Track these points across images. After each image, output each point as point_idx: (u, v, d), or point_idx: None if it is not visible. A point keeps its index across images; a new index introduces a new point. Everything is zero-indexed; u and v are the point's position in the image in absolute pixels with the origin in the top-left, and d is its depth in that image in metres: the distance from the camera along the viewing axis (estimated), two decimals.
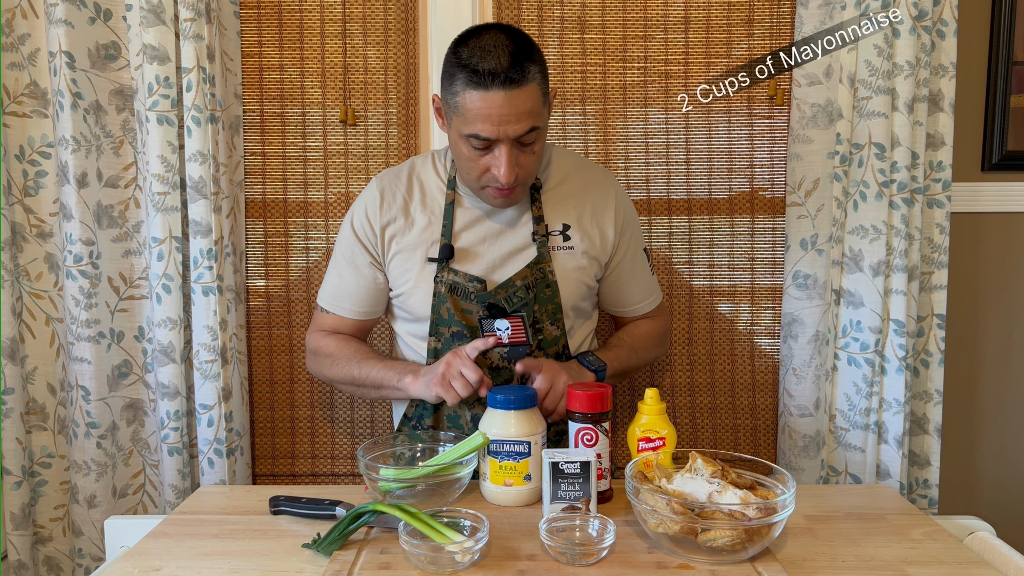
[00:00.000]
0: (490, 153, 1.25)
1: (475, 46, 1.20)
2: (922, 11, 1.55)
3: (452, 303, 1.34)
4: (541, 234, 1.36)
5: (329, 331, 1.47)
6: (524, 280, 1.34)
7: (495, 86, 1.18)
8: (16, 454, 1.65)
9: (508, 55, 1.19)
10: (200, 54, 1.57)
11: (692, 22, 1.73)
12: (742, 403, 1.81)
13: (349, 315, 1.44)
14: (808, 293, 1.69)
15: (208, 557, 1.06)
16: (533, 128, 1.23)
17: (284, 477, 1.84)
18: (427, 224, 1.38)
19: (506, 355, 1.34)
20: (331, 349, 1.43)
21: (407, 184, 1.41)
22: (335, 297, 1.45)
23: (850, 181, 1.62)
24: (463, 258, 1.36)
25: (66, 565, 1.74)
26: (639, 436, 1.20)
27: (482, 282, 1.34)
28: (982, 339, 1.81)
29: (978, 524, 1.25)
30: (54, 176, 1.66)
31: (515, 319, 1.31)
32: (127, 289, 1.70)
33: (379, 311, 1.47)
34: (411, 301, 1.38)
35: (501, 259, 1.37)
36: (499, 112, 1.19)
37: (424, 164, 1.43)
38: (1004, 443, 1.84)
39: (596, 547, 1.02)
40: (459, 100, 1.22)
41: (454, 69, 1.22)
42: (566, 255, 1.38)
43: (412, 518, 1.03)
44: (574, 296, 1.39)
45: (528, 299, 1.34)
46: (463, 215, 1.38)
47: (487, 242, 1.37)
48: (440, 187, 1.40)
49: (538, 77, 1.22)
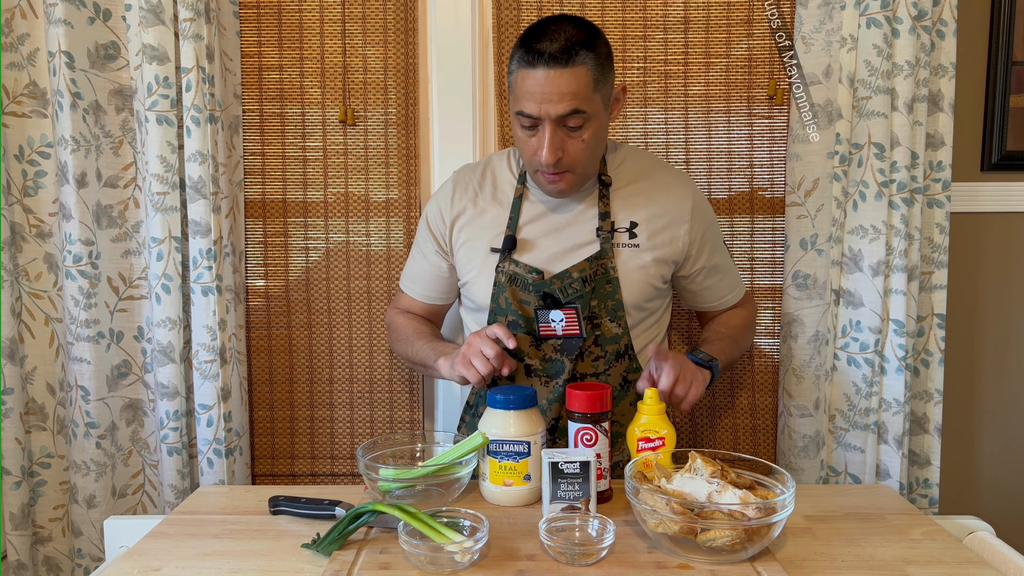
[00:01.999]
0: (537, 134, 1.27)
1: (539, 30, 1.25)
2: (922, 11, 1.55)
3: (510, 293, 1.36)
4: (606, 230, 1.37)
5: (404, 310, 1.56)
6: (581, 272, 1.34)
7: (540, 64, 1.21)
8: (15, 454, 1.65)
9: (563, 38, 1.22)
10: (199, 54, 1.57)
11: (692, 22, 1.73)
12: (742, 403, 1.81)
13: (418, 297, 1.53)
14: (808, 293, 1.69)
15: (207, 557, 1.06)
16: (576, 111, 1.23)
17: (283, 477, 1.84)
18: (495, 216, 1.41)
19: (559, 347, 1.34)
20: (398, 326, 1.53)
21: (480, 177, 1.45)
22: (408, 279, 1.55)
23: (850, 181, 1.62)
24: (525, 249, 1.38)
25: (65, 565, 1.74)
26: (639, 436, 1.20)
27: (540, 272, 1.35)
28: (982, 339, 1.82)
29: (978, 524, 1.25)
30: (53, 176, 1.66)
31: (569, 310, 1.32)
32: (126, 289, 1.70)
33: (447, 298, 1.52)
34: (474, 289, 1.42)
35: (563, 252, 1.37)
36: (541, 90, 1.22)
37: (500, 159, 1.47)
38: (1004, 443, 1.84)
39: (596, 547, 1.02)
40: (513, 79, 1.27)
41: (515, 50, 1.27)
42: (630, 253, 1.37)
43: (412, 518, 1.03)
44: (637, 295, 1.38)
45: (584, 292, 1.34)
46: (529, 208, 1.40)
47: (551, 235, 1.38)
48: (511, 181, 1.43)
49: (589, 63, 1.23)
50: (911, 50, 1.55)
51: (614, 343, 1.38)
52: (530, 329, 1.35)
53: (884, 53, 1.55)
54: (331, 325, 1.80)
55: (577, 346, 1.34)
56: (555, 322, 1.32)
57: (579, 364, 1.36)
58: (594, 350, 1.36)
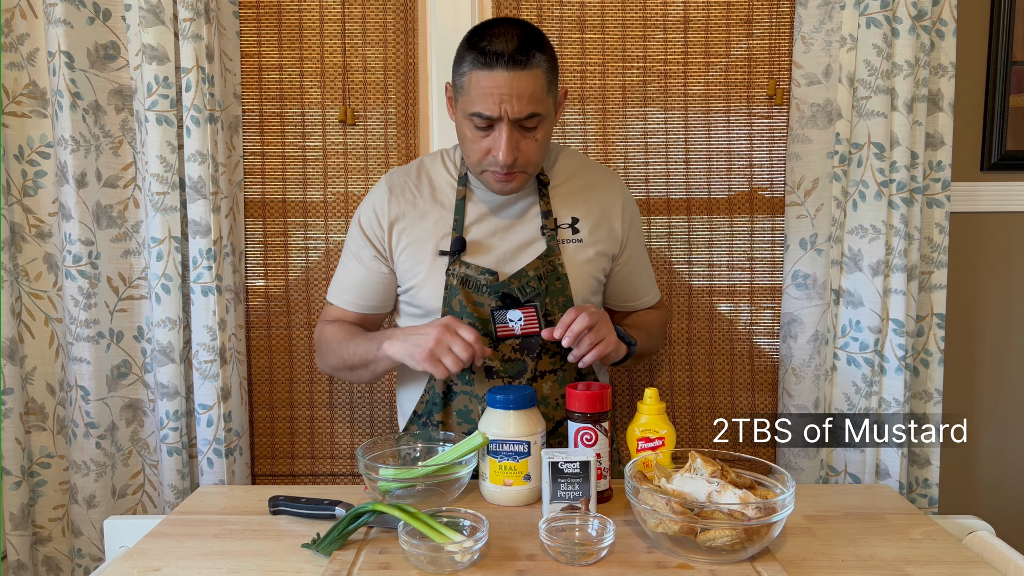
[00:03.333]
0: (491, 134, 1.27)
1: (487, 32, 1.25)
2: (921, 11, 1.55)
3: (464, 295, 1.35)
4: (550, 228, 1.38)
5: (331, 320, 1.48)
6: (536, 271, 1.35)
7: (499, 66, 1.22)
8: (15, 454, 1.65)
9: (516, 40, 1.23)
10: (199, 54, 1.57)
11: (691, 22, 1.73)
12: (741, 403, 1.81)
13: (352, 307, 1.45)
14: (807, 293, 1.69)
15: (207, 557, 1.06)
16: (534, 114, 1.25)
17: (283, 477, 1.84)
18: (437, 218, 1.39)
19: (519, 346, 1.34)
20: (326, 337, 1.45)
21: (416, 180, 1.43)
22: (340, 290, 1.46)
23: (849, 181, 1.62)
24: (474, 251, 1.37)
25: (65, 565, 1.74)
26: (638, 436, 1.20)
27: (494, 274, 1.35)
28: (981, 338, 1.82)
29: (977, 524, 1.25)
30: (53, 176, 1.66)
31: (528, 309, 1.32)
32: (126, 289, 1.70)
33: (384, 306, 1.47)
34: (421, 295, 1.39)
35: (511, 252, 1.38)
36: (501, 91, 1.22)
37: (434, 161, 1.45)
38: (1004, 443, 1.84)
39: (595, 547, 1.02)
40: (465, 80, 1.26)
41: (464, 52, 1.27)
42: (575, 248, 1.39)
43: (411, 518, 1.03)
44: (585, 288, 1.40)
45: (540, 289, 1.35)
46: (473, 209, 1.39)
47: (497, 235, 1.38)
48: (450, 183, 1.42)
49: (544, 66, 1.25)
50: (911, 50, 1.55)
51: None
52: (486, 331, 1.34)
53: (884, 53, 1.55)
54: None
55: (537, 344, 1.34)
56: (513, 322, 1.33)
57: (539, 362, 1.36)
58: (551, 347, 1.36)
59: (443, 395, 1.38)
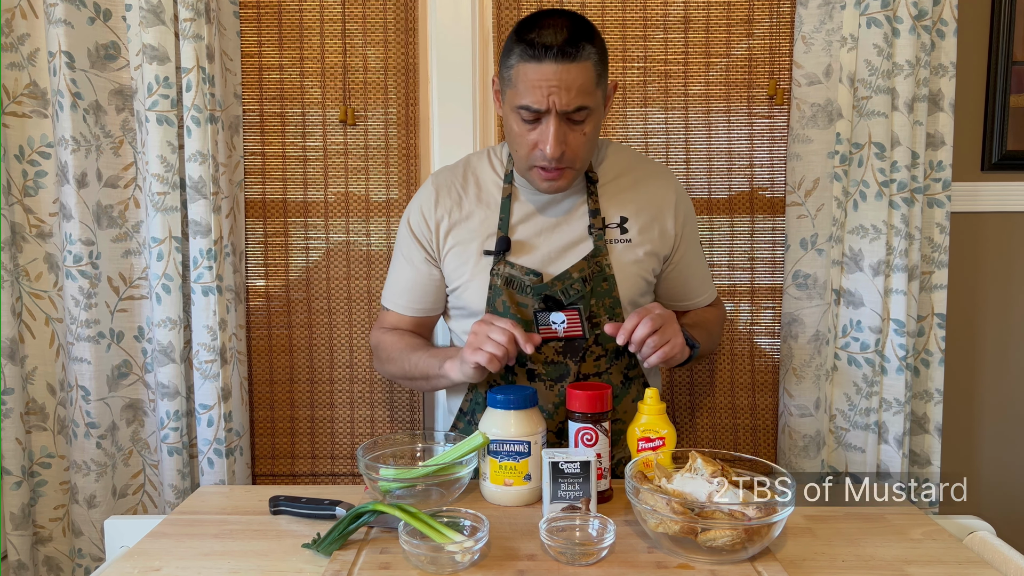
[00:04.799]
0: (538, 127, 1.25)
1: (536, 24, 1.23)
2: (922, 11, 1.55)
3: (507, 296, 1.34)
4: (598, 227, 1.36)
5: (390, 328, 1.48)
6: (581, 272, 1.33)
7: (548, 58, 1.20)
8: (16, 454, 1.65)
9: (566, 31, 1.21)
10: (200, 54, 1.57)
11: (692, 22, 1.73)
12: (742, 403, 1.81)
13: (407, 312, 1.45)
14: (808, 293, 1.69)
15: (208, 557, 1.06)
16: (583, 107, 1.23)
17: (284, 477, 1.84)
18: (483, 218, 1.38)
19: (561, 349, 1.34)
20: (387, 345, 1.44)
21: (462, 179, 1.42)
22: (394, 294, 1.46)
23: (850, 181, 1.62)
24: (519, 251, 1.36)
25: (66, 565, 1.74)
26: (639, 436, 1.20)
27: (538, 275, 1.34)
28: (982, 338, 1.81)
29: (978, 524, 1.25)
30: (54, 176, 1.66)
31: (571, 312, 1.30)
32: (127, 289, 1.70)
33: (437, 308, 1.47)
34: (466, 295, 1.38)
35: (557, 252, 1.36)
36: (549, 84, 1.21)
37: (480, 160, 1.44)
38: (1004, 443, 1.84)
39: (596, 547, 1.02)
40: (512, 73, 1.24)
41: (512, 45, 1.24)
42: (624, 248, 1.37)
43: (412, 518, 1.03)
44: (632, 290, 1.37)
45: (584, 292, 1.33)
46: (519, 208, 1.38)
47: (543, 235, 1.37)
48: (496, 181, 1.40)
49: (594, 58, 1.23)
50: (911, 50, 1.55)
51: (612, 340, 1.37)
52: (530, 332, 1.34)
53: (884, 53, 1.55)
54: (331, 325, 1.80)
55: (581, 347, 1.33)
56: (556, 324, 1.31)
57: (582, 365, 1.36)
58: (595, 349, 1.36)
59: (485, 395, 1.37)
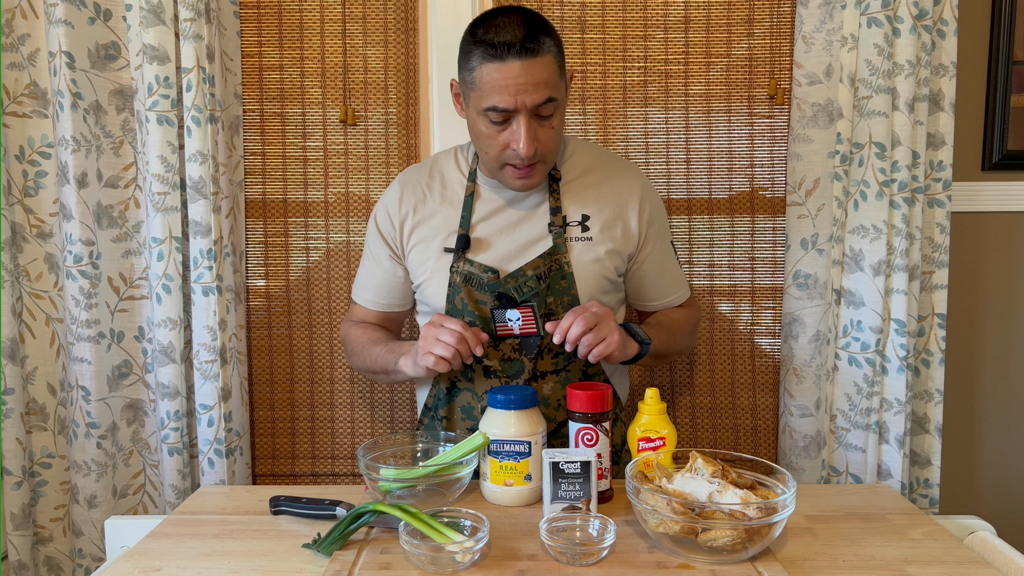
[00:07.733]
0: (508, 128, 1.25)
1: (490, 24, 1.23)
2: (922, 10, 1.55)
3: (466, 293, 1.35)
4: (558, 225, 1.36)
5: (358, 321, 1.51)
6: (536, 270, 1.33)
7: (511, 56, 1.20)
8: (16, 454, 1.65)
9: (523, 28, 1.21)
10: (200, 54, 1.57)
11: (692, 21, 1.73)
12: (742, 403, 1.81)
13: (371, 306, 1.49)
14: (808, 293, 1.69)
15: (208, 557, 1.06)
16: (550, 99, 1.23)
17: (284, 477, 1.84)
18: (446, 216, 1.39)
19: (518, 347, 1.34)
20: (351, 338, 1.48)
21: (428, 178, 1.43)
22: (361, 288, 1.50)
23: (850, 181, 1.62)
24: (479, 248, 1.36)
25: (66, 565, 1.74)
26: (639, 436, 1.20)
27: (495, 272, 1.34)
28: (983, 338, 1.81)
29: (978, 524, 1.25)
30: (54, 176, 1.66)
31: (525, 309, 1.31)
32: (127, 289, 1.70)
33: (403, 304, 1.49)
34: (428, 291, 1.40)
35: (517, 249, 1.36)
36: (516, 82, 1.21)
37: (446, 158, 1.45)
38: (1005, 442, 1.84)
39: (596, 547, 1.02)
40: (475, 75, 1.23)
41: (470, 47, 1.24)
42: (584, 246, 1.36)
43: (412, 518, 1.03)
44: (592, 289, 1.37)
45: (539, 289, 1.33)
46: (482, 206, 1.39)
47: (504, 232, 1.37)
48: (460, 180, 1.41)
49: (553, 50, 1.24)
50: (912, 49, 1.55)
51: None
52: (488, 329, 1.34)
53: (885, 52, 1.55)
54: (332, 325, 1.80)
55: (535, 345, 1.33)
56: (512, 321, 1.31)
57: (539, 362, 1.35)
58: (553, 347, 1.35)
59: (447, 391, 1.40)
